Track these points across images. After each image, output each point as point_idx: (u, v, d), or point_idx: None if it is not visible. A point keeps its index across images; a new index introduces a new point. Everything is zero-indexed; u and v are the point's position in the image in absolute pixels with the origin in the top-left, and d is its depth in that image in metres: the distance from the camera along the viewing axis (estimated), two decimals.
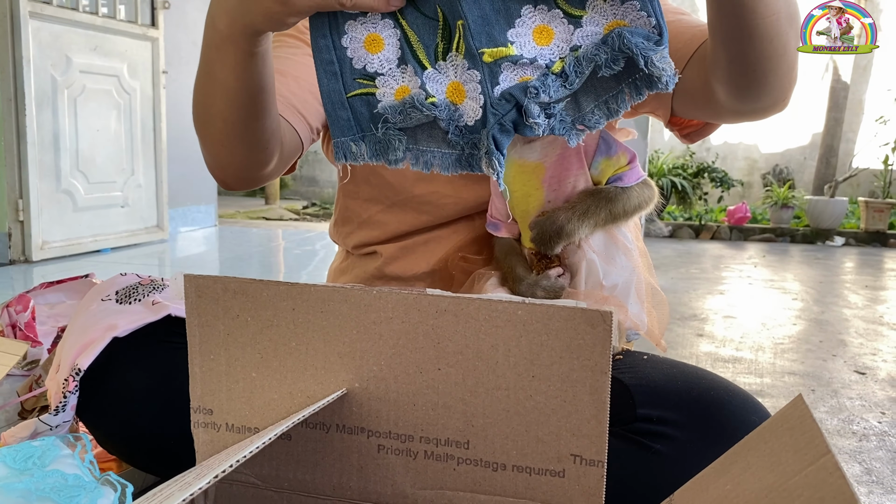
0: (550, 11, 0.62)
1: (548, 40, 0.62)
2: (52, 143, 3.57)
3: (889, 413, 1.80)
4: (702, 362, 2.17)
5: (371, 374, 0.63)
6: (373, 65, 0.67)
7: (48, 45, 3.51)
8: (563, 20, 0.62)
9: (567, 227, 0.83)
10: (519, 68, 0.63)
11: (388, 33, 0.66)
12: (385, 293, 0.61)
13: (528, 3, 0.62)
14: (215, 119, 0.79)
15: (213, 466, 0.53)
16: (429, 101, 0.65)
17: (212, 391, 0.67)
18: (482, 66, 0.63)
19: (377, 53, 0.66)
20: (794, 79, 0.79)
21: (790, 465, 0.45)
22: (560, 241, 0.84)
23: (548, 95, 0.62)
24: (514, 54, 0.62)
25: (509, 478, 0.62)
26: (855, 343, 2.52)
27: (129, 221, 4.11)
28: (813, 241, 5.79)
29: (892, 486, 1.37)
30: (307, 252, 4.25)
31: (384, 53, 0.66)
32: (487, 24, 0.62)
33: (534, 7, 0.62)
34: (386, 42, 0.66)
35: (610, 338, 0.57)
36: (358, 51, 0.67)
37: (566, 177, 0.84)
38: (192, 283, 0.65)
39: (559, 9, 0.62)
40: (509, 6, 0.63)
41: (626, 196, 0.85)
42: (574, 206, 0.84)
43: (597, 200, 0.84)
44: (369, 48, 0.66)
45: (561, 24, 0.62)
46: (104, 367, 0.86)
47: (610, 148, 0.85)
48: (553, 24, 0.62)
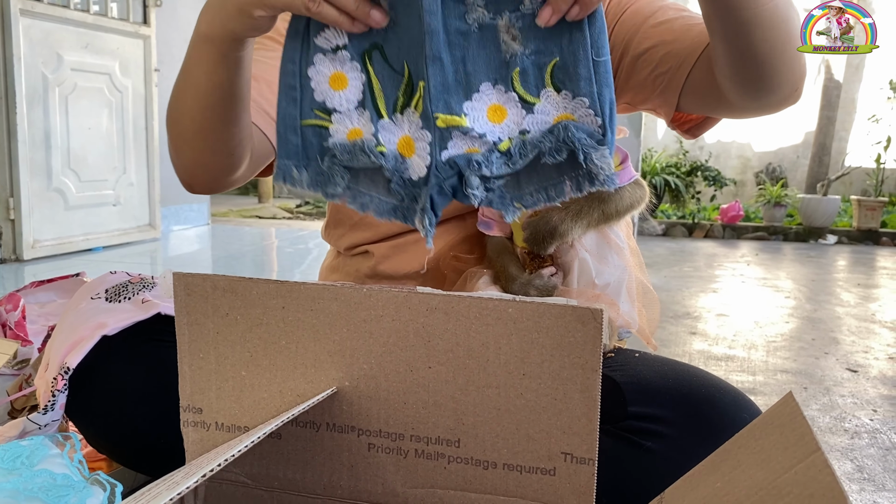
0: (507, 93, 0.65)
1: (500, 119, 0.65)
2: (44, 142, 3.55)
3: (881, 411, 1.81)
4: (695, 360, 2.18)
5: (361, 372, 0.62)
6: (332, 101, 0.68)
7: (39, 42, 3.49)
8: (518, 104, 0.65)
9: (561, 227, 0.83)
10: (468, 139, 0.65)
11: (353, 75, 0.68)
12: (375, 291, 0.61)
13: (488, 80, 0.65)
14: (184, 118, 0.79)
15: (201, 465, 0.52)
16: (378, 148, 0.67)
17: (201, 390, 0.67)
18: (434, 128, 0.65)
19: (339, 91, 0.68)
20: (804, 67, 0.80)
21: (780, 462, 0.44)
22: (553, 241, 0.84)
23: (490, 171, 0.65)
24: (466, 126, 0.65)
25: (500, 476, 0.61)
26: (847, 341, 2.53)
27: (121, 220, 4.10)
28: (806, 239, 5.80)
29: (883, 484, 1.37)
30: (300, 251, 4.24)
31: (345, 93, 0.68)
32: (447, 91, 0.65)
33: (492, 85, 0.65)
34: (350, 82, 0.68)
35: (600, 335, 0.56)
36: (321, 84, 0.68)
37: None
38: (182, 281, 0.65)
39: (515, 92, 0.64)
40: (470, 79, 0.65)
41: (618, 196, 0.86)
42: (567, 207, 0.84)
43: (589, 201, 0.85)
44: (333, 85, 0.68)
45: (515, 107, 0.65)
46: (93, 366, 0.86)
47: None
48: (508, 105, 0.65)
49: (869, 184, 6.50)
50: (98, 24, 3.84)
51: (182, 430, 0.67)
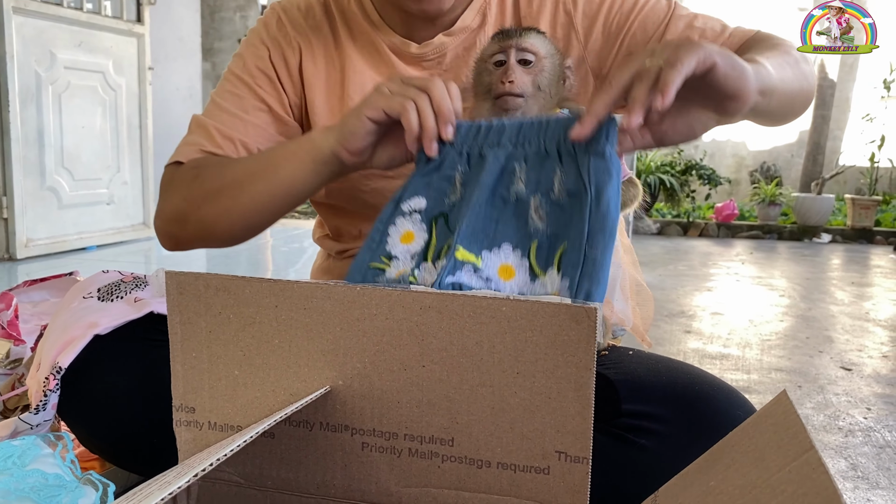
0: (521, 259, 0.74)
1: (508, 277, 0.74)
2: (37, 140, 3.54)
3: (874, 409, 1.81)
4: (689, 359, 2.18)
5: (355, 371, 0.62)
6: (396, 250, 0.80)
7: (32, 40, 3.48)
8: (527, 271, 0.74)
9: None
10: (475, 277, 0.74)
11: (420, 235, 0.79)
12: (369, 290, 0.60)
13: (510, 243, 0.75)
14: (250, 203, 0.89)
15: (194, 465, 0.52)
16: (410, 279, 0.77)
17: (194, 389, 0.66)
18: (452, 257, 0.74)
19: (405, 244, 0.80)
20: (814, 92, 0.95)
21: (774, 461, 0.44)
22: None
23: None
24: (479, 266, 0.74)
25: (494, 475, 0.61)
26: (841, 339, 2.54)
27: (115, 219, 4.08)
28: (800, 238, 5.82)
29: (877, 482, 1.37)
30: (295, 250, 4.24)
31: (409, 246, 0.79)
32: (474, 235, 0.75)
33: (512, 249, 0.75)
34: (415, 239, 0.79)
35: (594, 334, 0.56)
36: (394, 238, 0.80)
37: None
38: (174, 279, 0.64)
39: (528, 261, 0.74)
40: (497, 236, 0.75)
41: None
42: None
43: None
44: (403, 240, 0.80)
45: (523, 273, 0.74)
46: (85, 366, 0.85)
47: None
48: (518, 269, 0.74)
49: (863, 182, 6.52)
50: (91, 23, 3.82)
51: (175, 429, 0.67)
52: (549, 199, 0.74)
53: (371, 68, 0.99)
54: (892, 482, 1.38)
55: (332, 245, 1.11)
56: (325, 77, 1.00)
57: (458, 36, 0.97)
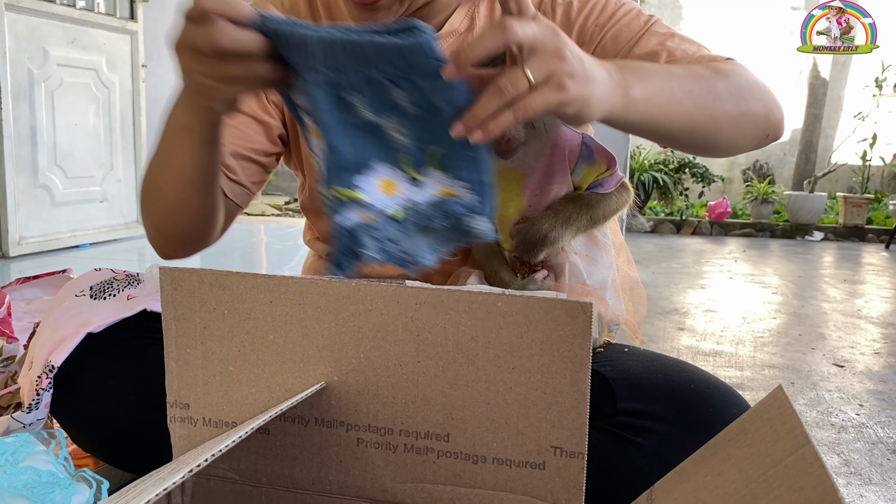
0: (394, 171, 0.71)
1: (392, 191, 0.71)
2: (30, 137, 3.52)
3: (867, 405, 1.82)
4: (683, 356, 2.18)
5: (350, 366, 0.62)
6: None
7: (25, 37, 3.46)
8: (406, 180, 0.71)
9: (551, 234, 0.83)
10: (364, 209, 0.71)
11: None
12: (364, 285, 0.60)
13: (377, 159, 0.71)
14: (167, 196, 0.85)
15: (188, 461, 0.52)
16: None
17: (188, 385, 0.66)
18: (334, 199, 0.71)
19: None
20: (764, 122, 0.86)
21: (770, 455, 0.44)
22: (544, 248, 0.84)
23: (385, 236, 0.72)
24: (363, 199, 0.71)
25: (489, 470, 0.61)
26: (833, 336, 2.55)
27: (109, 216, 4.07)
28: (792, 235, 5.83)
29: (870, 477, 1.38)
30: (289, 247, 4.23)
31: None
32: (340, 169, 0.71)
33: (382, 164, 0.71)
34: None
35: (590, 329, 0.56)
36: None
37: (550, 185, 0.84)
38: (168, 275, 0.64)
39: (402, 171, 0.71)
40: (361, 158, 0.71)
41: (605, 201, 0.86)
42: (557, 214, 0.84)
43: (578, 207, 0.84)
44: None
45: (403, 182, 0.72)
46: (78, 364, 0.85)
47: (592, 154, 0.84)
48: (397, 180, 0.72)
49: (855, 181, 6.54)
50: (84, 20, 3.80)
51: (169, 426, 0.67)
52: (402, 116, 0.68)
53: None
54: (885, 478, 1.38)
55: (321, 247, 1.11)
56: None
57: (447, 39, 0.97)
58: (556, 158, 0.83)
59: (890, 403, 1.84)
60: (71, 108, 3.76)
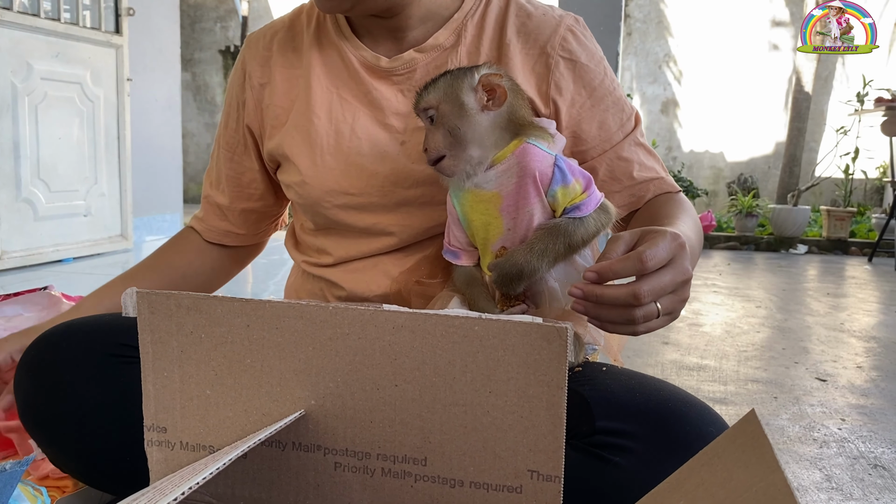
0: None
1: None
2: (12, 151, 3.50)
3: (849, 420, 1.83)
4: (667, 370, 2.19)
5: (327, 391, 0.62)
6: None
7: (8, 51, 3.45)
8: None
9: (526, 268, 0.81)
10: None
11: None
12: (341, 309, 0.60)
13: None
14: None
15: (166, 489, 0.52)
16: None
17: (165, 409, 0.66)
18: None
19: None
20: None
21: (741, 481, 0.45)
22: (521, 281, 0.82)
23: None
24: None
25: (467, 494, 0.61)
26: (817, 350, 2.56)
27: (92, 231, 4.04)
28: (777, 248, 5.88)
29: (851, 493, 1.39)
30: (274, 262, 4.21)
31: None
32: None
33: None
34: None
35: (566, 353, 0.57)
36: None
37: (524, 205, 0.83)
38: (145, 299, 0.64)
39: None
40: None
41: (583, 226, 0.83)
42: (532, 246, 0.82)
43: (554, 237, 0.82)
44: None
45: None
46: (56, 384, 0.84)
47: (566, 177, 0.83)
48: None
49: (838, 194, 6.60)
50: (69, 33, 3.79)
51: (146, 450, 0.66)
52: None
53: (337, 80, 1.01)
54: (866, 493, 1.39)
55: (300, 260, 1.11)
56: (287, 77, 1.04)
57: (430, 53, 0.98)
58: (527, 179, 0.82)
59: (871, 418, 1.85)
60: (55, 122, 3.75)
